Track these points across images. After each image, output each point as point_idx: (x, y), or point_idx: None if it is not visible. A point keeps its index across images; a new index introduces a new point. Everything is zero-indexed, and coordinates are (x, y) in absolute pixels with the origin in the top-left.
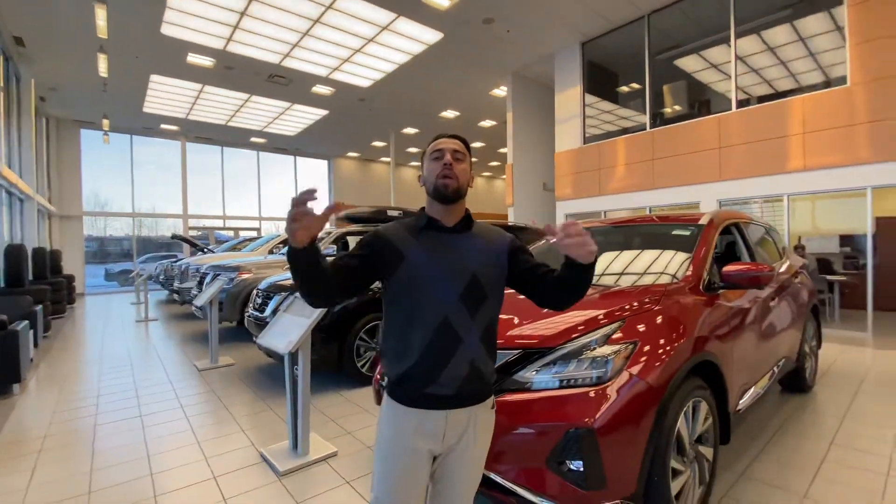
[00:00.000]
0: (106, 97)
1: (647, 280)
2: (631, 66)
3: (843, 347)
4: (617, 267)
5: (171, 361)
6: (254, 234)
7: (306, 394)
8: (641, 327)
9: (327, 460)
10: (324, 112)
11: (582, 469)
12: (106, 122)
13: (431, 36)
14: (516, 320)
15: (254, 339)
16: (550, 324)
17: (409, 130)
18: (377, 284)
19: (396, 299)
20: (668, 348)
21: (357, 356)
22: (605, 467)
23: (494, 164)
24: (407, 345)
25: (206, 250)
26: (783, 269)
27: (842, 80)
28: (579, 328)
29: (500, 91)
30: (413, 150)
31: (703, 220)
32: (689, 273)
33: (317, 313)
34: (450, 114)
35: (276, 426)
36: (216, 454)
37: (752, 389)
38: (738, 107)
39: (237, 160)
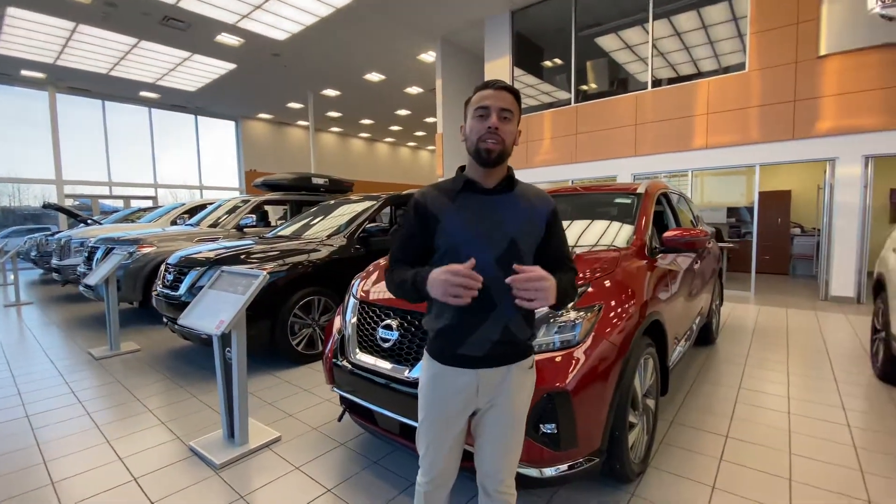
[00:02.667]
0: None
1: (597, 243)
2: (557, 41)
3: (733, 305)
4: (571, 233)
5: (59, 351)
6: (149, 203)
7: (243, 378)
8: (603, 291)
9: (270, 447)
10: (231, 66)
11: (556, 431)
12: None
13: None
14: None
15: (164, 320)
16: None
17: (330, 92)
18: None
19: (438, 262)
20: (628, 310)
21: (291, 334)
22: (577, 427)
23: (420, 133)
24: (445, 305)
25: (90, 222)
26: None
27: (741, 67)
28: None
29: (429, 56)
30: (334, 114)
31: (640, 190)
32: (635, 238)
33: (252, 288)
34: (374, 77)
35: (204, 415)
36: (133, 452)
37: (679, 346)
38: (652, 86)
39: (123, 117)
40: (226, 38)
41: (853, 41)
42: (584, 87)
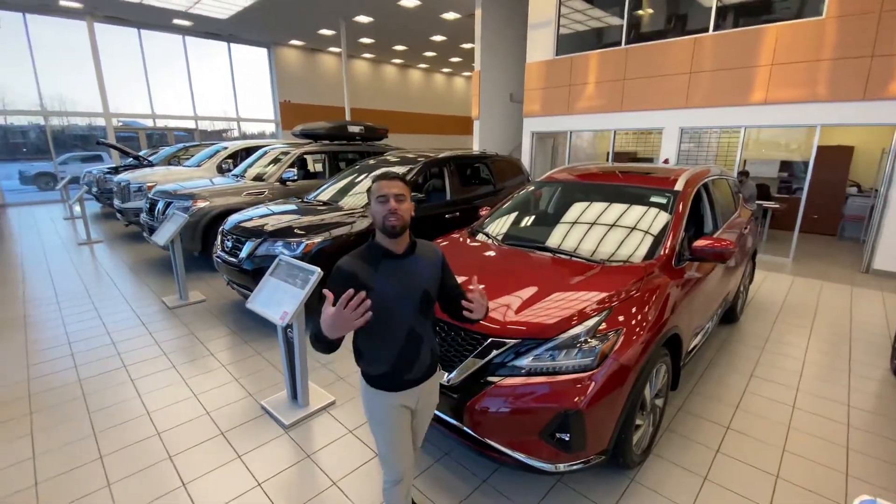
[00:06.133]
0: None
1: (624, 252)
2: None
3: (766, 274)
4: (595, 233)
5: (136, 297)
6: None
7: (303, 353)
8: (625, 316)
9: (327, 409)
10: None
11: (568, 439)
12: None
13: None
14: (517, 303)
15: (225, 281)
16: (545, 311)
17: (363, 19)
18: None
19: (373, 318)
20: (647, 333)
21: None
22: (587, 436)
23: (456, 59)
24: (382, 351)
25: (143, 161)
26: (738, 220)
27: (817, 11)
28: (573, 321)
29: None
30: (366, 40)
31: (679, 186)
32: (663, 251)
33: (310, 283)
34: (409, 2)
35: (268, 374)
36: (217, 407)
37: (699, 335)
38: (715, 28)
39: (159, 45)
40: None
41: None
42: (641, 13)
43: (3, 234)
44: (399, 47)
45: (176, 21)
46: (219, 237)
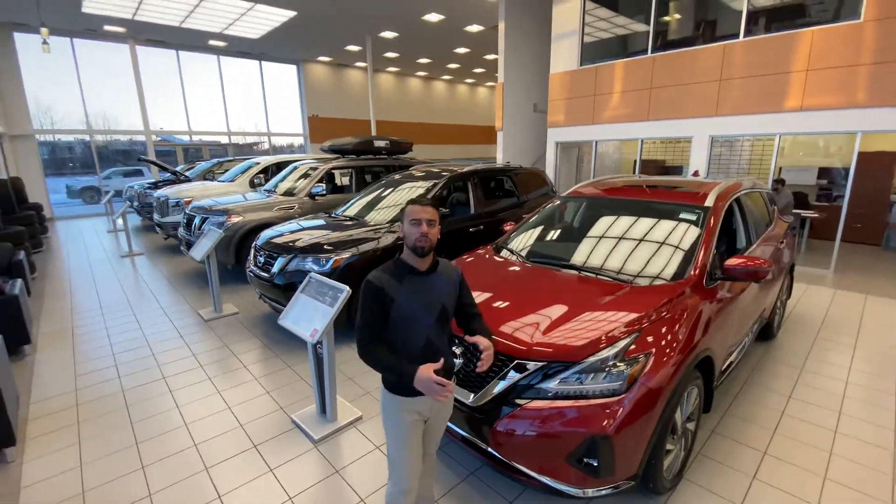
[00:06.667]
0: None
1: (653, 271)
2: None
3: (805, 287)
4: (622, 250)
5: (173, 309)
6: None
7: (332, 369)
8: (654, 339)
9: (355, 424)
10: (291, 13)
11: (597, 464)
12: (45, 31)
13: None
14: (543, 324)
15: (257, 294)
16: (572, 333)
17: (388, 34)
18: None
19: (392, 328)
20: (677, 356)
21: None
22: (615, 462)
23: (479, 70)
24: (403, 358)
25: (180, 177)
26: (773, 233)
27: (854, 14)
28: (601, 344)
29: None
30: (391, 54)
31: (709, 202)
32: (694, 272)
33: (339, 301)
34: (433, 17)
35: (298, 387)
36: (250, 420)
37: (734, 352)
38: (745, 34)
39: (195, 64)
40: None
41: None
42: (667, 19)
43: (53, 247)
44: (423, 60)
45: (211, 42)
46: (252, 252)
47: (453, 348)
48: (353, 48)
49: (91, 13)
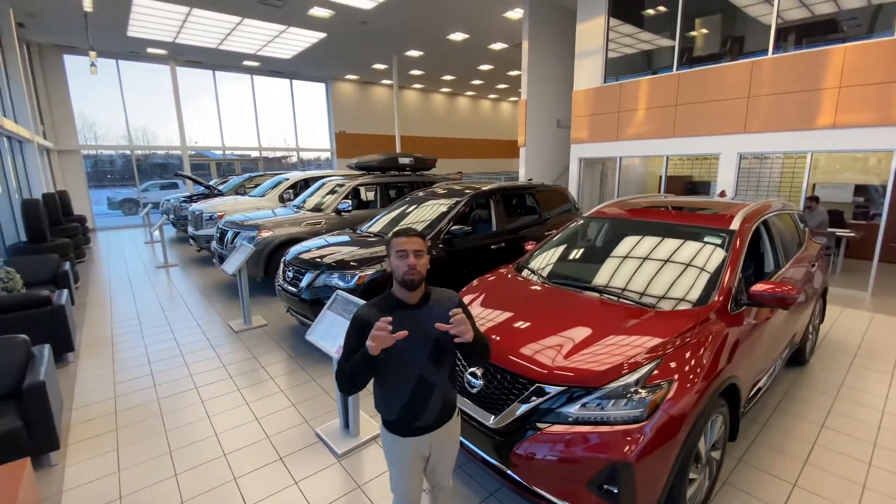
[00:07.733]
0: (88, 20)
1: (676, 295)
2: None
3: (841, 309)
4: (645, 273)
5: (205, 320)
6: (251, 164)
7: None
8: (677, 365)
9: (376, 440)
10: (321, 35)
11: (617, 491)
12: (93, 54)
13: None
14: (564, 347)
15: (285, 308)
16: (593, 358)
17: (413, 53)
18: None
19: (382, 365)
20: (701, 383)
21: None
22: (636, 490)
23: (502, 86)
24: (394, 397)
25: (214, 191)
26: (804, 255)
27: (889, 30)
28: (623, 370)
29: (515, 13)
30: (416, 72)
31: (735, 224)
32: (718, 296)
33: None
34: (457, 36)
35: (322, 400)
36: (276, 432)
37: (764, 378)
38: (774, 50)
39: (229, 83)
40: (317, 11)
41: None
42: (693, 34)
43: (94, 257)
44: (447, 77)
45: (245, 62)
46: (281, 267)
47: (473, 370)
48: (379, 66)
49: (136, 37)
